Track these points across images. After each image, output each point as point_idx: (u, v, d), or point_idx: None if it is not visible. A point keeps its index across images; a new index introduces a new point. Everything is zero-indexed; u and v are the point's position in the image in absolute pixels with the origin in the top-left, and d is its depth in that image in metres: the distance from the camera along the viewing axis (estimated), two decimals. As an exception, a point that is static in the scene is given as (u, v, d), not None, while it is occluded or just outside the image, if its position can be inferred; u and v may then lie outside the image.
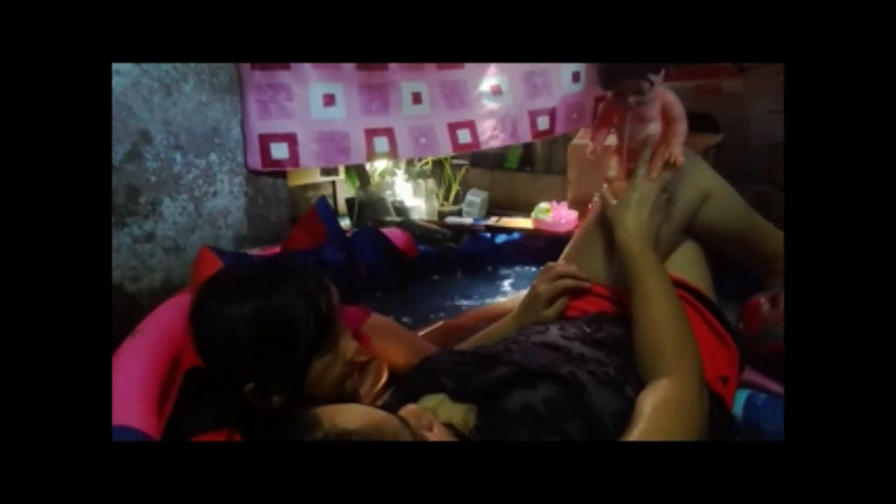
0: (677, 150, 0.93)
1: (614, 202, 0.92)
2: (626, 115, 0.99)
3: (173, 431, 0.77)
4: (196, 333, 0.71)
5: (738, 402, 0.92)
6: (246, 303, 0.68)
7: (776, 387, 1.01)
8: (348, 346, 0.75)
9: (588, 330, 0.83)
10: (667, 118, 0.97)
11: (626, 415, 0.66)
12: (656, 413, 0.65)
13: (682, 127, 0.96)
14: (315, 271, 0.75)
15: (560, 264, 1.00)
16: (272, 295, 0.69)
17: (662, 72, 0.95)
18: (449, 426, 0.63)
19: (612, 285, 0.95)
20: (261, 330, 0.67)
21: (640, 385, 0.72)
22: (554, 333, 0.83)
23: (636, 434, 0.62)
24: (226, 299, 0.69)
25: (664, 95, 0.97)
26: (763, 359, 0.98)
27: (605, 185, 0.97)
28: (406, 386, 0.75)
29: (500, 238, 1.88)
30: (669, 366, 0.72)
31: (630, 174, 0.95)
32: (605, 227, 0.96)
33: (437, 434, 0.57)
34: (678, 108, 0.97)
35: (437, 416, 0.64)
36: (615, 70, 0.96)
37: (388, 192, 2.19)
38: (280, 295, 0.69)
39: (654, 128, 0.98)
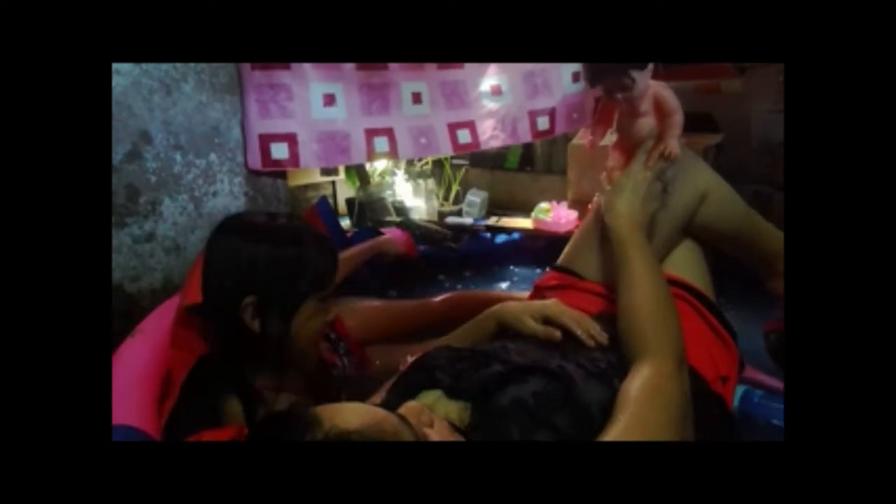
0: (672, 143, 0.95)
1: (608, 188, 0.94)
2: (618, 111, 1.01)
3: (175, 429, 0.77)
4: (216, 245, 0.81)
5: (735, 397, 0.92)
6: (275, 231, 0.80)
7: (774, 382, 1.01)
8: (331, 310, 0.85)
9: None
10: (661, 112, 0.99)
11: (613, 406, 0.65)
12: (637, 401, 0.64)
13: (676, 119, 0.98)
14: (330, 240, 0.85)
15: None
16: (295, 233, 0.81)
17: (650, 66, 0.96)
18: (446, 421, 0.63)
19: (611, 285, 0.95)
20: (279, 252, 0.78)
21: None
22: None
23: (621, 424, 0.61)
24: (256, 227, 0.81)
25: (656, 89, 0.99)
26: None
27: (604, 175, 0.99)
28: (403, 382, 0.75)
29: (500, 238, 1.88)
30: (649, 349, 0.72)
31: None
32: (602, 226, 0.97)
33: (437, 430, 0.57)
34: (672, 102, 0.98)
35: (435, 413, 0.64)
36: (597, 68, 0.98)
37: (388, 192, 2.19)
38: (301, 236, 0.81)
39: (648, 122, 0.99)
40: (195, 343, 0.85)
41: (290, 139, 1.56)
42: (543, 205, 1.86)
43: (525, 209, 1.98)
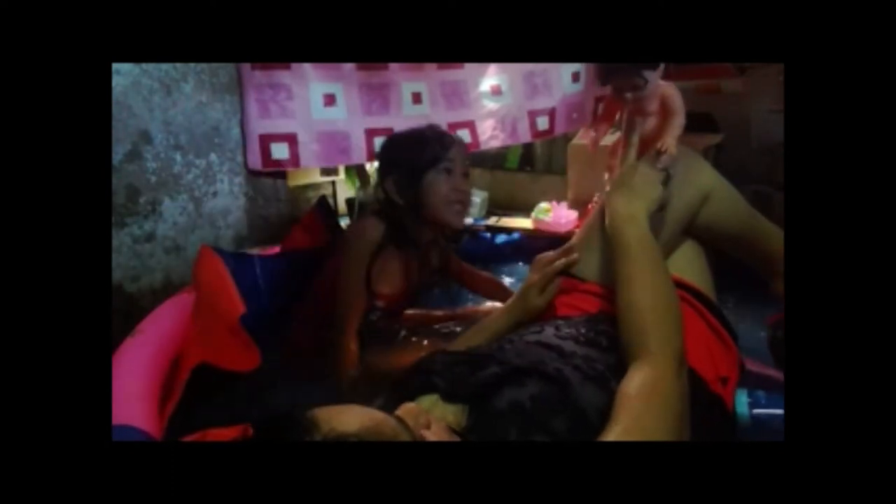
0: (669, 141, 0.95)
1: (609, 188, 0.94)
2: (626, 109, 1.01)
3: (179, 427, 0.77)
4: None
5: (742, 402, 0.91)
6: (403, 131, 1.24)
7: (775, 374, 1.01)
8: (458, 182, 1.14)
9: (583, 330, 0.83)
10: (665, 110, 1.00)
11: (611, 408, 0.64)
12: (635, 404, 0.63)
13: (678, 120, 0.98)
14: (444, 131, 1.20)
15: (551, 253, 1.00)
16: (415, 128, 1.20)
17: (661, 66, 0.96)
18: (444, 424, 0.63)
19: (611, 286, 0.94)
20: (402, 137, 1.19)
21: None
22: (549, 332, 0.83)
23: (619, 427, 0.60)
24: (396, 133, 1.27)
25: (664, 89, 0.99)
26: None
27: (606, 176, 1.00)
28: (401, 387, 0.75)
29: (500, 238, 1.88)
30: (649, 349, 0.70)
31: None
32: (603, 227, 0.96)
33: (434, 433, 0.57)
34: (677, 102, 0.99)
35: (432, 416, 0.64)
36: (609, 67, 0.98)
37: (389, 193, 2.19)
38: (420, 129, 1.19)
39: (654, 121, 1.00)
40: (249, 351, 0.90)
41: (290, 139, 1.56)
42: (543, 205, 1.86)
43: (525, 209, 1.98)
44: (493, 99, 1.80)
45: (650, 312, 0.75)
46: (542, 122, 1.83)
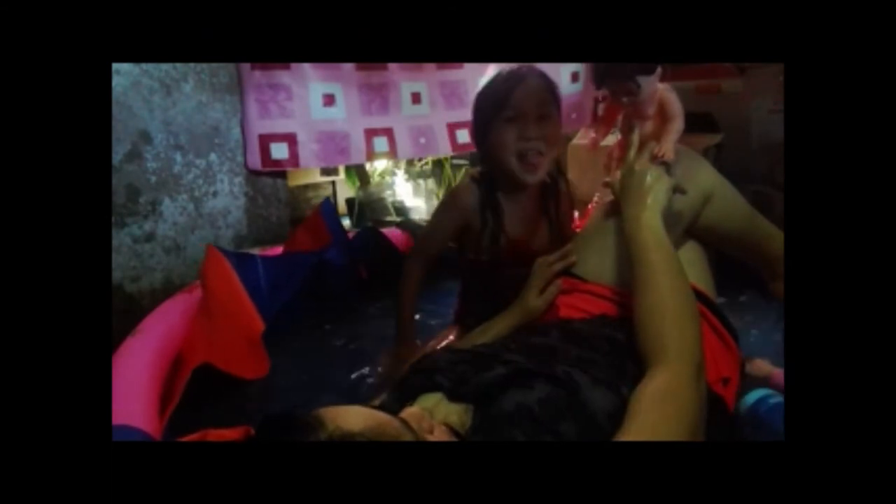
0: (667, 147, 0.95)
1: (616, 188, 0.93)
2: (623, 112, 1.01)
3: (179, 427, 0.78)
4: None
5: (750, 400, 0.91)
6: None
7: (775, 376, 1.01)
8: (527, 129, 1.02)
9: (586, 333, 0.82)
10: (662, 115, 1.00)
11: (621, 413, 0.63)
12: (649, 410, 0.62)
13: (676, 125, 0.98)
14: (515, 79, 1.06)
15: (551, 256, 1.00)
16: (489, 81, 1.11)
17: (658, 71, 0.96)
18: (446, 426, 0.63)
19: (614, 286, 0.94)
20: (479, 92, 1.14)
21: (637, 381, 0.70)
22: (553, 335, 0.82)
23: (631, 433, 0.59)
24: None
25: (662, 93, 0.99)
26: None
27: (607, 178, 1.00)
28: (403, 385, 0.74)
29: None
30: (668, 354, 0.69)
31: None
32: (605, 227, 0.96)
33: (437, 437, 0.57)
34: (675, 106, 0.99)
35: (434, 416, 0.63)
36: (604, 71, 0.99)
37: (388, 192, 2.19)
38: (492, 81, 1.10)
39: (653, 125, 1.00)
40: (261, 361, 0.90)
41: (290, 139, 1.56)
42: (543, 205, 1.86)
43: (525, 209, 1.97)
44: (492, 99, 1.80)
45: (669, 318, 0.73)
46: (542, 122, 1.83)
